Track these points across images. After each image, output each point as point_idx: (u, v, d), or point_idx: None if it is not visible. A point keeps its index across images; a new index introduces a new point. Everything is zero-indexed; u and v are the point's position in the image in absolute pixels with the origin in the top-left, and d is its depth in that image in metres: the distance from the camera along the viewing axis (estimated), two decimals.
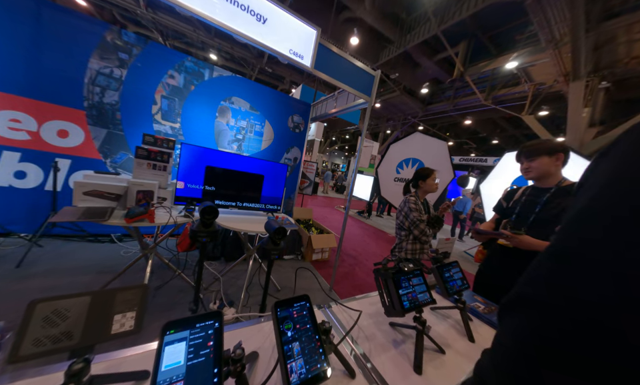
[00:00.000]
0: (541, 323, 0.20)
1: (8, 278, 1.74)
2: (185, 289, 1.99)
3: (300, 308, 0.56)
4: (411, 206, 1.69)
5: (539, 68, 5.99)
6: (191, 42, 8.05)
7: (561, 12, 3.98)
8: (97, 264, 2.15)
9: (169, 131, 2.86)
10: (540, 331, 0.20)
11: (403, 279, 0.80)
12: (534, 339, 0.20)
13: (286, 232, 1.07)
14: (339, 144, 23.04)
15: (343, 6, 6.07)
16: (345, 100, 2.81)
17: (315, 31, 1.76)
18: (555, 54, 4.64)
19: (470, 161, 13.72)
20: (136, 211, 1.39)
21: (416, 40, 6.39)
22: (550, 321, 0.20)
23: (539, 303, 0.21)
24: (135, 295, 0.49)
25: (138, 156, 1.67)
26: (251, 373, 0.56)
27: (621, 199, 0.19)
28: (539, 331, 0.20)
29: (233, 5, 1.47)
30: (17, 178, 2.21)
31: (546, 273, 0.21)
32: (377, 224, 6.75)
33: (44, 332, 0.40)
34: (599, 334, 0.17)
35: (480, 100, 7.83)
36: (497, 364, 0.24)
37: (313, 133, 8.11)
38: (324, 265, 3.14)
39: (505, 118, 9.63)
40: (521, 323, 0.22)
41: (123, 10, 6.08)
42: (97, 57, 2.37)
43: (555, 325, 0.19)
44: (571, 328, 0.18)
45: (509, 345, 0.23)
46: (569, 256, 0.21)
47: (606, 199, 0.20)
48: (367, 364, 0.65)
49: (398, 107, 11.31)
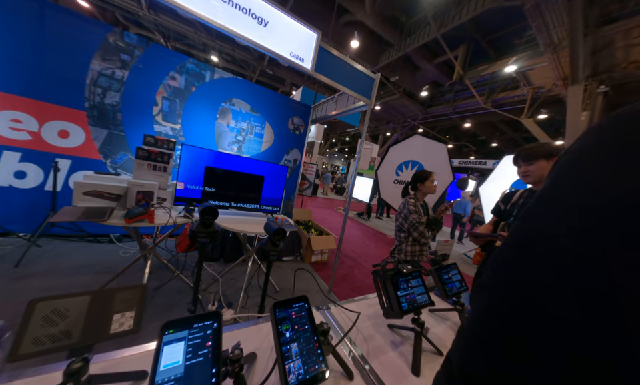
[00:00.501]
0: (499, 300, 0.24)
1: (6, 277, 1.74)
2: (184, 290, 1.98)
3: (299, 309, 0.56)
4: (410, 208, 1.69)
5: (538, 71, 6.03)
6: (192, 43, 8.09)
7: (560, 17, 4.02)
8: (96, 264, 2.15)
9: (169, 132, 2.87)
10: (497, 308, 0.24)
11: (401, 281, 0.80)
12: (492, 314, 0.24)
13: (285, 233, 1.07)
14: (338, 146, 23.10)
15: (344, 9, 6.12)
16: (345, 103, 2.82)
17: (316, 34, 1.78)
18: (554, 58, 4.67)
19: (469, 164, 13.76)
20: (136, 211, 1.39)
21: (416, 44, 6.44)
22: (504, 299, 0.24)
23: (497, 281, 0.25)
24: (134, 295, 0.49)
25: (138, 156, 1.67)
26: (249, 374, 0.56)
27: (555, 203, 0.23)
28: (496, 308, 0.24)
29: (235, 8, 1.49)
30: (16, 178, 2.21)
31: (503, 258, 0.26)
32: (377, 226, 6.75)
33: (43, 331, 0.40)
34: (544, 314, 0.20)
35: (479, 103, 7.87)
36: (462, 334, 0.28)
37: (313, 135, 8.14)
38: (323, 267, 3.14)
39: (505, 121, 9.67)
40: (483, 300, 0.26)
41: (125, 12, 6.12)
42: (99, 58, 2.38)
43: (507, 303, 0.23)
44: (520, 305, 0.22)
45: (474, 317, 0.27)
46: (520, 246, 0.24)
47: (548, 197, 0.24)
48: (365, 365, 0.65)
49: (398, 110, 11.36)
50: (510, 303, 0.23)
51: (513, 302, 0.22)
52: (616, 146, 0.20)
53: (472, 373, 0.24)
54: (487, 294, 0.26)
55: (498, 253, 0.27)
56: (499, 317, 0.23)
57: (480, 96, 7.75)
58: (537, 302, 0.20)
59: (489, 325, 0.24)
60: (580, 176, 0.22)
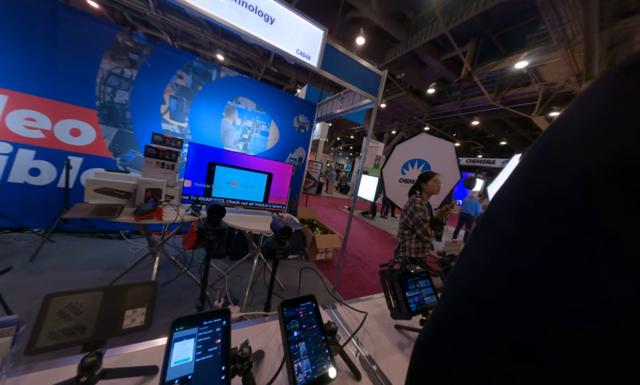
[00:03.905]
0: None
1: (22, 271, 1.80)
2: (191, 286, 2.02)
3: (306, 308, 0.56)
4: (417, 206, 1.73)
5: (550, 67, 5.84)
6: (198, 43, 8.16)
7: (574, 10, 3.87)
8: (106, 259, 2.20)
9: (177, 130, 2.91)
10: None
11: (409, 281, 0.79)
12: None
13: (291, 231, 1.07)
14: (343, 145, 22.99)
15: (350, 6, 6.05)
16: (350, 101, 2.80)
17: (322, 31, 1.76)
18: (567, 53, 4.51)
19: (477, 163, 13.48)
20: (144, 209, 1.42)
21: (423, 40, 6.31)
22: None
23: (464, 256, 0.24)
24: (146, 291, 0.50)
25: (147, 154, 1.70)
26: (256, 372, 0.56)
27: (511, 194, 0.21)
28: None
29: (241, 6, 1.49)
30: (31, 175, 2.28)
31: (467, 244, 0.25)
32: (381, 225, 6.70)
33: (58, 325, 0.41)
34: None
35: (488, 101, 7.68)
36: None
37: (317, 133, 8.12)
38: (328, 265, 3.14)
39: (514, 119, 9.42)
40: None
41: (134, 12, 6.21)
42: (109, 58, 2.42)
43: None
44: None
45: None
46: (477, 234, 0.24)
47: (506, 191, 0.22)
48: (372, 366, 0.64)
49: (404, 107, 11.20)
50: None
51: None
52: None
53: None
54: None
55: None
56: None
57: (489, 94, 7.56)
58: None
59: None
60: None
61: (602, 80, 0.16)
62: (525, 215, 0.17)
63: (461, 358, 0.19)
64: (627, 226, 0.12)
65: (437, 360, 0.21)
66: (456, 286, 0.22)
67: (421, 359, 0.23)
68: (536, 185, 0.17)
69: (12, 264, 1.67)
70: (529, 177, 0.18)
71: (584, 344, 0.12)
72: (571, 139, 0.16)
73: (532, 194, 0.17)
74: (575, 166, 0.15)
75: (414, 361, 0.24)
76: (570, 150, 0.16)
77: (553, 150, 0.17)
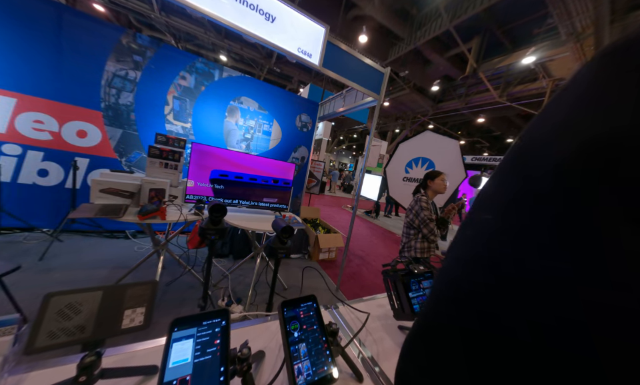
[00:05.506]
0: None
1: (32, 270, 1.84)
2: (195, 285, 2.03)
3: (307, 309, 0.55)
4: (422, 205, 1.69)
5: (559, 62, 5.69)
6: (201, 44, 8.22)
7: (583, 3, 3.76)
8: (113, 259, 2.24)
9: (180, 131, 2.94)
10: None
11: (413, 281, 0.77)
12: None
13: (293, 231, 1.06)
14: (346, 144, 22.91)
15: (352, 4, 6.01)
16: (353, 99, 2.78)
17: (324, 29, 1.75)
18: (577, 47, 4.39)
19: (483, 160, 13.25)
20: (148, 208, 1.43)
21: (426, 37, 6.22)
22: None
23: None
24: (145, 291, 0.50)
25: (151, 155, 1.72)
26: (257, 372, 0.55)
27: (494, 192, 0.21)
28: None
29: (242, 5, 1.48)
30: (40, 176, 2.33)
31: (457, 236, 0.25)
32: (385, 225, 6.65)
33: (58, 324, 0.41)
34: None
35: (494, 98, 7.54)
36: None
37: (320, 132, 8.10)
38: (330, 265, 3.13)
39: (521, 115, 9.23)
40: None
41: (138, 15, 6.29)
42: (114, 60, 2.46)
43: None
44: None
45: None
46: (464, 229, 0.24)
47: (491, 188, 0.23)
48: (374, 367, 0.63)
49: (407, 105, 11.09)
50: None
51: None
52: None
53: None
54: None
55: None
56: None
57: (495, 90, 7.42)
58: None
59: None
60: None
61: (573, 79, 0.17)
62: (505, 209, 0.18)
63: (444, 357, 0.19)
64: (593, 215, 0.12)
65: (420, 369, 0.22)
66: (439, 282, 0.23)
67: (407, 358, 0.24)
68: (515, 177, 0.18)
69: (22, 263, 1.71)
70: (511, 170, 0.19)
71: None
72: (546, 132, 0.17)
73: (512, 186, 0.18)
74: (545, 160, 0.15)
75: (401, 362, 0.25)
76: (545, 141, 0.16)
77: (532, 142, 0.18)
